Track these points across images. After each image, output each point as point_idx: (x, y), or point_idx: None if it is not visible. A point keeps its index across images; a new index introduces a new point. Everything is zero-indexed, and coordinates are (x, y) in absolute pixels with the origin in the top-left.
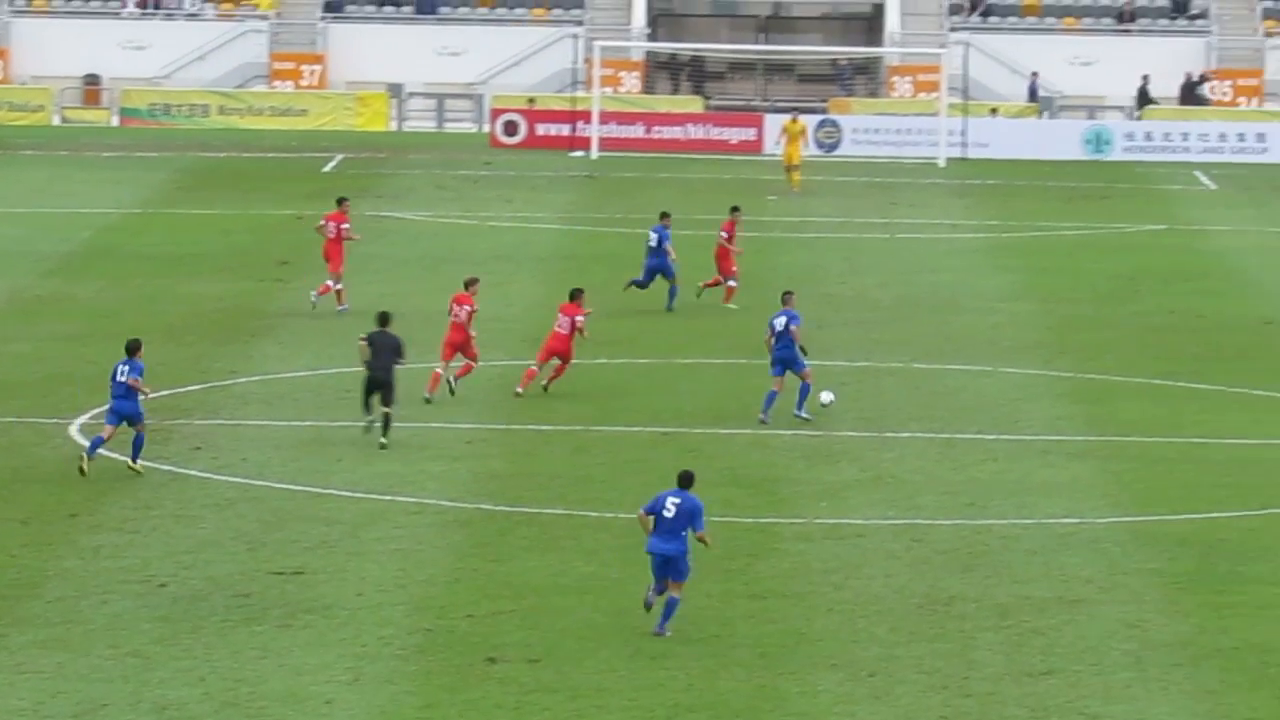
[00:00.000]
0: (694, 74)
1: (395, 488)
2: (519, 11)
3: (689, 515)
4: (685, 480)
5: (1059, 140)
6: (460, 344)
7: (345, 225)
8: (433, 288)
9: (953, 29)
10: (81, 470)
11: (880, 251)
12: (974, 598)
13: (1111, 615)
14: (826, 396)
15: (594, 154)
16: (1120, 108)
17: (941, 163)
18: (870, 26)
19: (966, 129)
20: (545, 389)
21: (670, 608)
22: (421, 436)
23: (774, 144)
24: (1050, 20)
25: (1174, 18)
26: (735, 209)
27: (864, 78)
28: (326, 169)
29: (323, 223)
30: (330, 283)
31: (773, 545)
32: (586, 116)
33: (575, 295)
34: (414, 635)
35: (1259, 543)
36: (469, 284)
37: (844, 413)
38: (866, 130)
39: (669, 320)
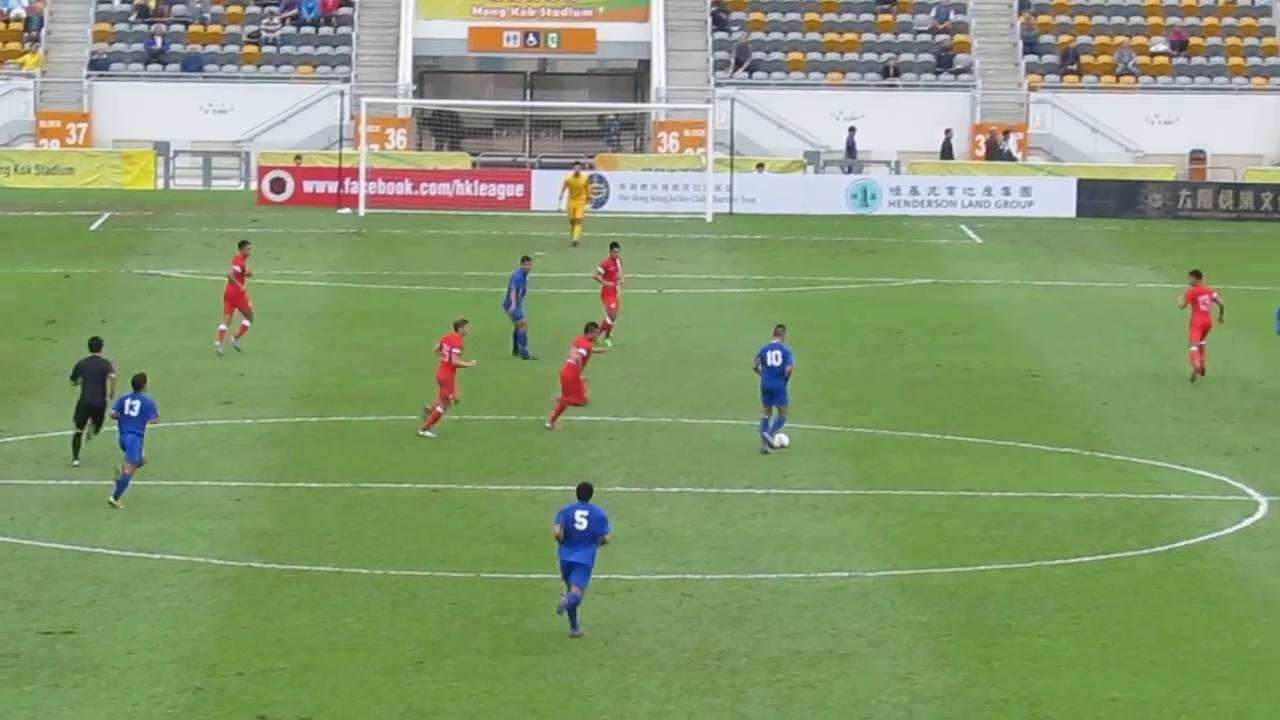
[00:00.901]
0: (461, 130)
1: (165, 546)
2: (285, 69)
3: (599, 523)
4: (585, 492)
5: (825, 195)
6: (444, 380)
7: (238, 269)
8: (201, 346)
9: (719, 84)
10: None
11: (648, 306)
12: (745, 652)
13: (881, 669)
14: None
15: (361, 211)
16: (885, 162)
17: (709, 218)
18: (637, 82)
19: (733, 184)
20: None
21: (573, 604)
22: (191, 494)
23: (557, 198)
24: (815, 76)
25: (938, 73)
26: (614, 245)
27: (631, 133)
28: (94, 227)
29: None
30: (246, 322)
31: (544, 601)
32: (354, 173)
33: (458, 325)
34: (184, 694)
35: (1027, 594)
36: (459, 325)
37: (613, 468)
38: (634, 186)
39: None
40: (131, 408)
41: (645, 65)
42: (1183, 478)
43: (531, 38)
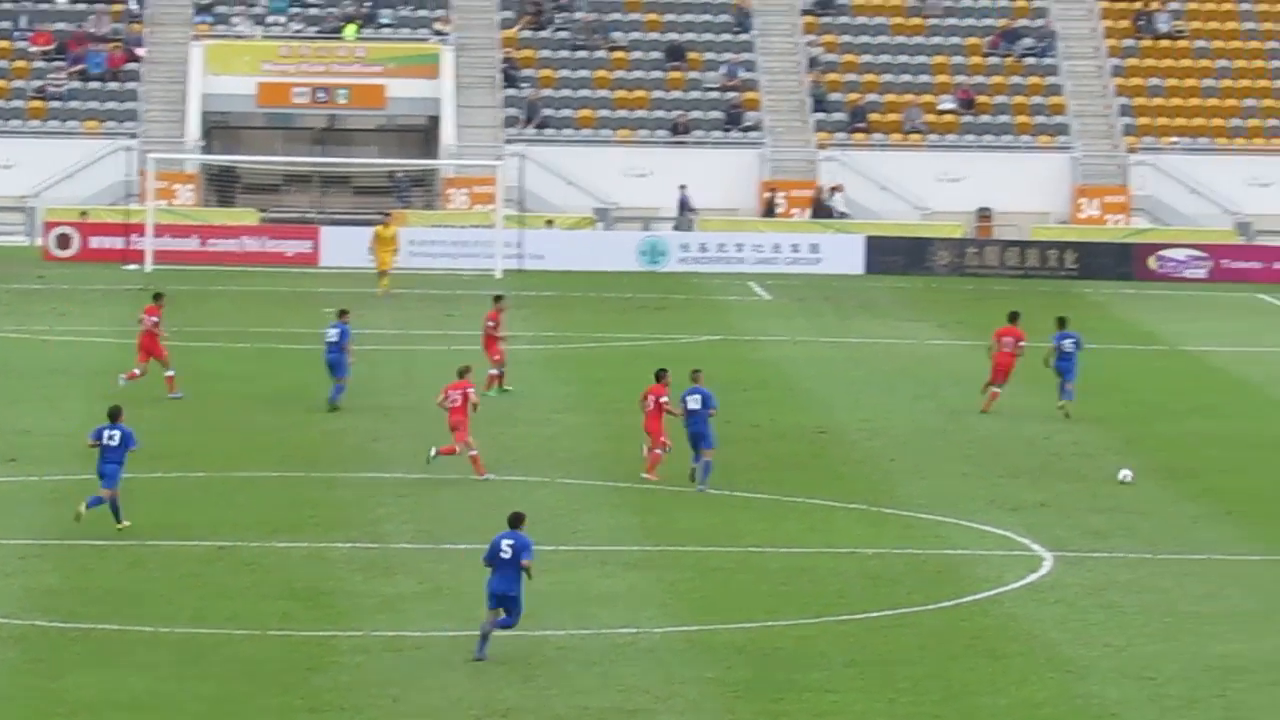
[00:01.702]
0: (249, 186)
1: None
2: (71, 124)
3: (523, 551)
4: (516, 521)
5: (615, 251)
6: (456, 425)
7: (155, 319)
8: None
9: (509, 141)
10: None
11: (437, 363)
12: (532, 709)
13: None
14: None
15: (148, 267)
16: (674, 219)
17: (498, 274)
18: (427, 139)
19: (523, 240)
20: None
21: (506, 626)
22: None
23: (367, 250)
24: (605, 132)
25: (728, 130)
26: (499, 298)
27: (420, 190)
28: None
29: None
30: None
31: (331, 658)
32: (141, 229)
33: (463, 373)
34: None
35: (814, 650)
36: (463, 372)
37: (401, 525)
38: (423, 242)
39: (224, 433)
40: (111, 438)
41: (435, 121)
42: (969, 533)
43: (321, 94)
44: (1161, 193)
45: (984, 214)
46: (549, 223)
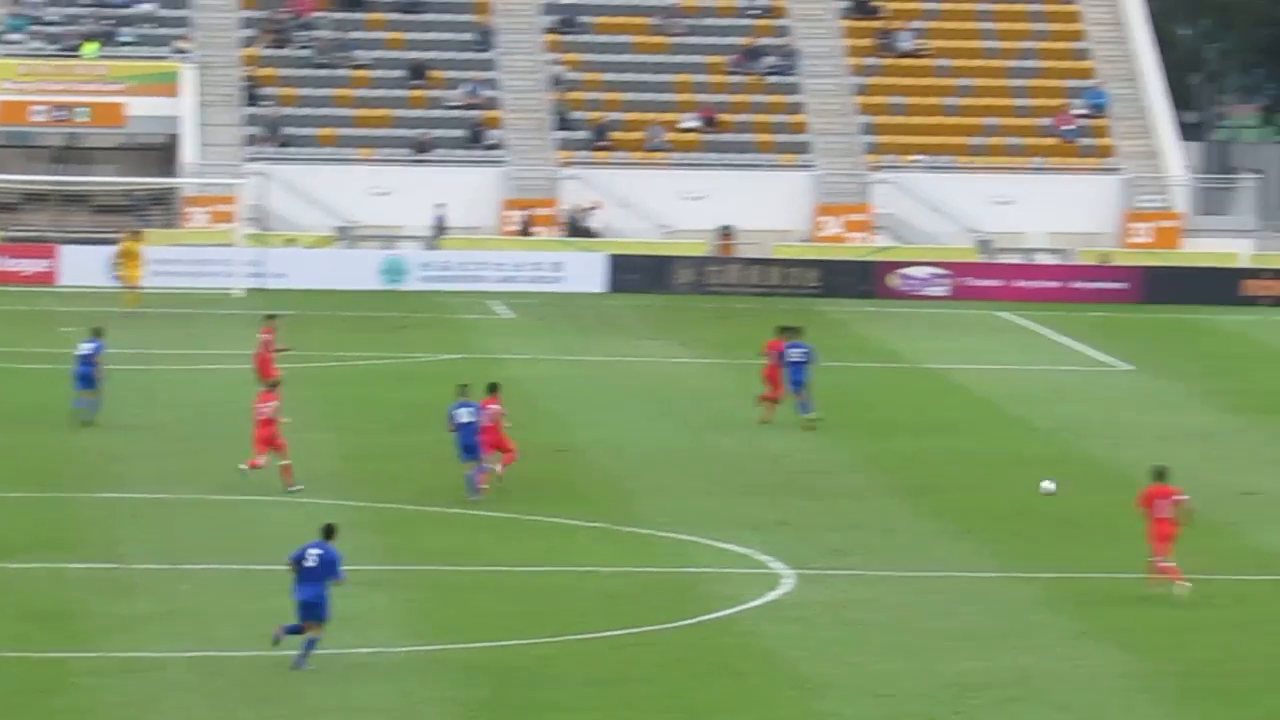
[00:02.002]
0: None
1: None
2: None
3: (329, 565)
4: (327, 532)
5: (356, 270)
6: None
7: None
8: None
9: (250, 159)
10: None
11: (176, 383)
12: None
13: None
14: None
15: None
16: (417, 237)
17: (239, 293)
18: (167, 157)
19: (264, 259)
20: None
21: (310, 645)
22: None
23: (113, 266)
24: (348, 150)
25: (470, 148)
26: (271, 317)
27: (160, 208)
28: None
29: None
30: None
31: (67, 680)
32: None
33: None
34: None
35: (554, 670)
36: (273, 385)
37: (139, 545)
38: (163, 261)
39: None
40: None
41: (176, 139)
42: (709, 551)
43: (59, 112)
44: (903, 211)
45: (726, 232)
46: (290, 241)
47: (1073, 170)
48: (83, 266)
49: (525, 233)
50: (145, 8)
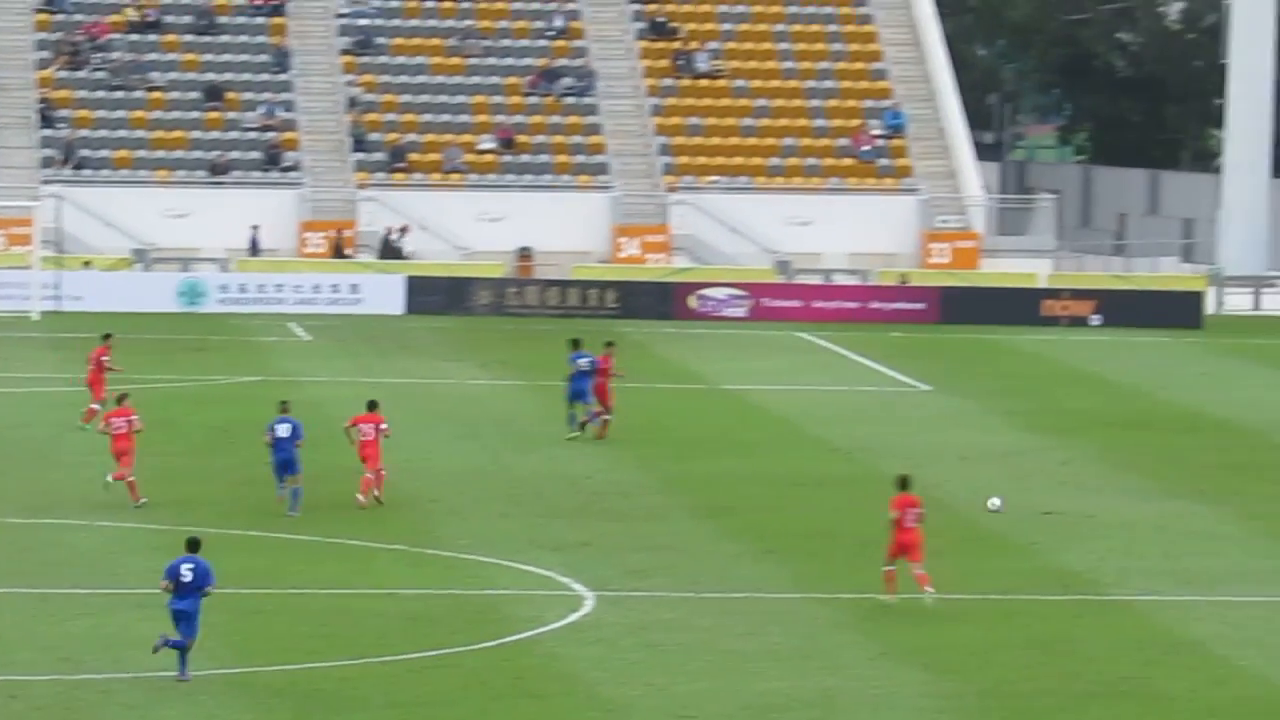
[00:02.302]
0: None
1: None
2: None
3: (203, 576)
4: (193, 546)
5: (154, 292)
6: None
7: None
8: None
9: (45, 181)
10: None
11: None
12: None
13: None
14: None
15: None
16: (214, 260)
17: (35, 316)
18: None
19: (61, 282)
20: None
21: (183, 651)
22: None
23: None
24: (143, 173)
25: (267, 170)
26: (108, 336)
27: None
28: None
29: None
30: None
31: None
32: None
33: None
34: None
35: (355, 692)
36: (120, 399)
37: None
38: None
39: None
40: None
41: None
42: (510, 573)
43: None
44: (701, 232)
45: (524, 253)
46: (87, 264)
47: (871, 191)
48: None
49: (338, 253)
50: None
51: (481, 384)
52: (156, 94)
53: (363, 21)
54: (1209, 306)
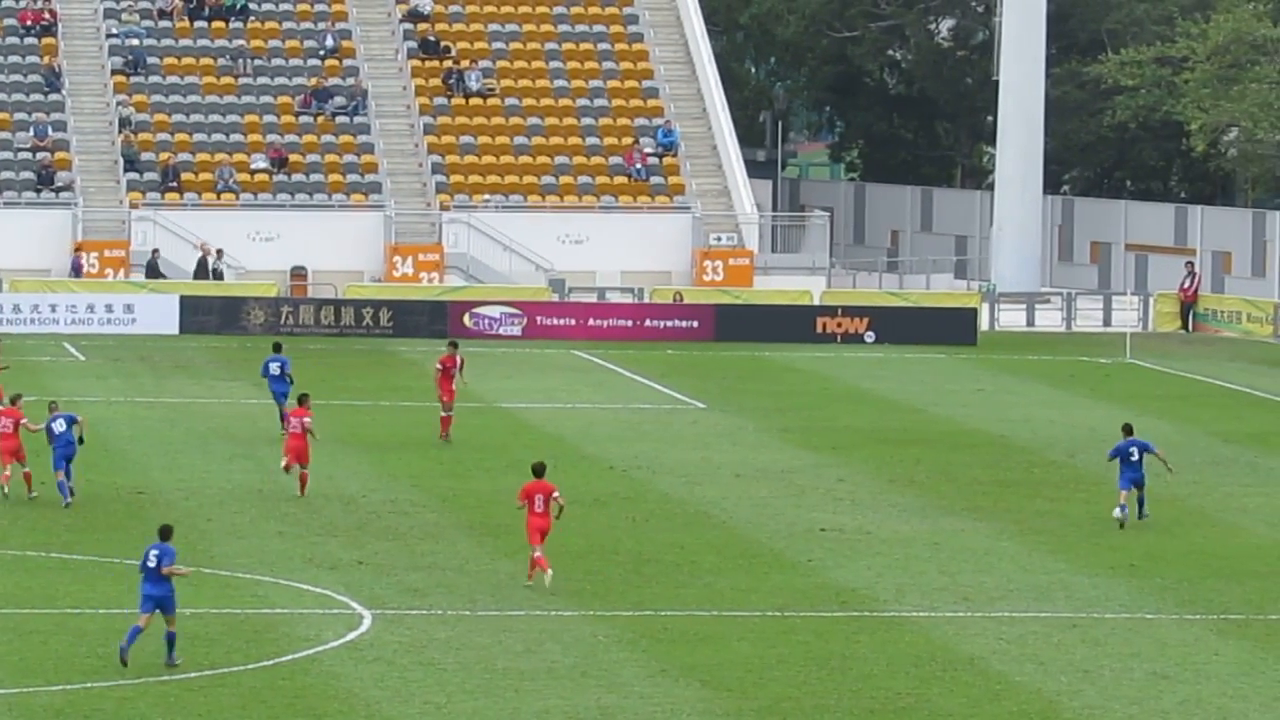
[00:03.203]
0: None
1: None
2: None
3: (168, 558)
4: (165, 533)
5: None
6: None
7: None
8: None
9: None
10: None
11: None
12: None
13: None
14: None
15: None
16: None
17: None
18: None
19: None
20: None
21: (171, 640)
22: None
23: None
24: None
25: (39, 191)
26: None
27: None
28: None
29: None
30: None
31: None
32: None
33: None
34: None
35: (135, 711)
36: (302, 399)
37: None
38: None
39: None
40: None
41: None
42: (287, 592)
43: None
44: (475, 250)
45: (298, 272)
46: None
47: (644, 209)
48: None
49: (153, 274)
50: None
51: (255, 403)
52: None
53: (133, 42)
54: (983, 323)
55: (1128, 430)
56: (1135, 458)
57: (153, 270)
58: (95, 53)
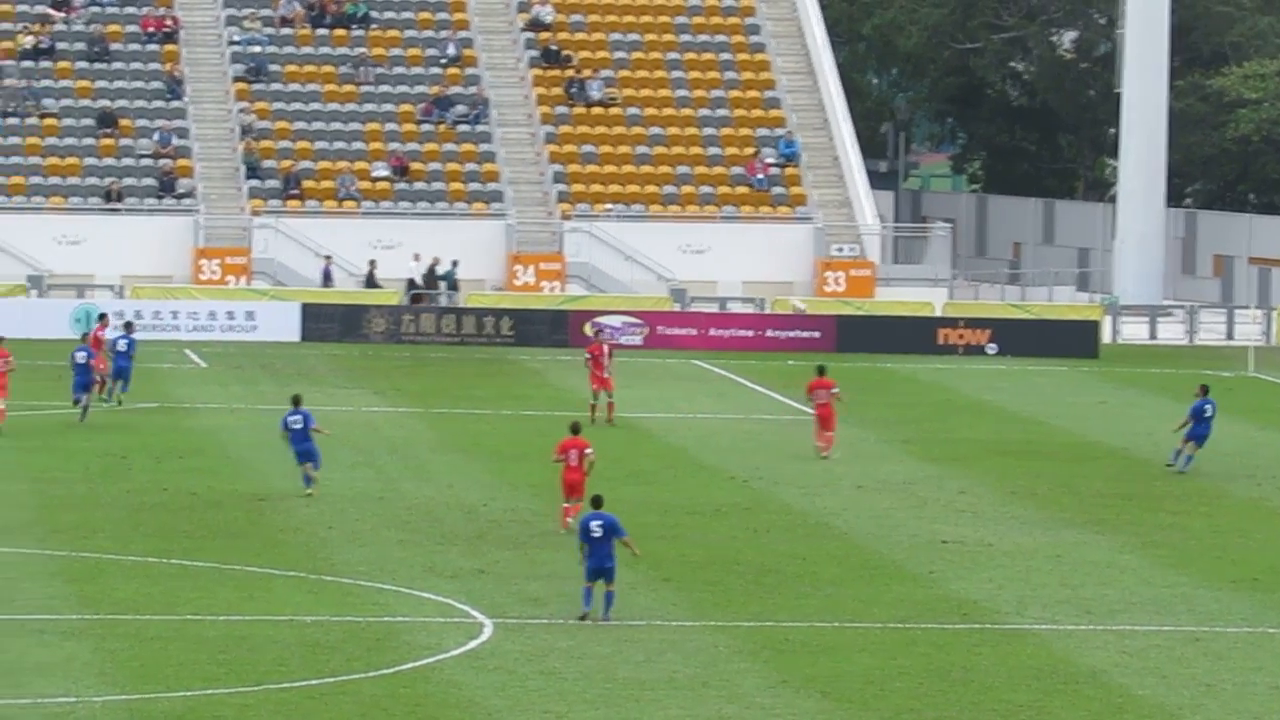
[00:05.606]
0: None
1: None
2: None
3: (612, 528)
4: (598, 503)
5: (49, 319)
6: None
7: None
8: None
9: None
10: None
11: None
12: None
13: None
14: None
15: None
16: (110, 286)
17: None
18: None
19: None
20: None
21: (610, 600)
22: None
23: None
24: (37, 199)
25: (161, 197)
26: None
27: None
28: None
29: None
30: None
31: None
32: None
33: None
34: None
35: (253, 718)
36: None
37: None
38: None
39: None
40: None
41: None
42: (408, 600)
43: None
44: (596, 260)
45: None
46: None
47: (765, 219)
48: None
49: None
50: None
51: (377, 411)
52: (49, 121)
53: (255, 49)
54: (1105, 336)
55: (1204, 390)
56: (1209, 414)
57: (371, 281)
58: (217, 60)
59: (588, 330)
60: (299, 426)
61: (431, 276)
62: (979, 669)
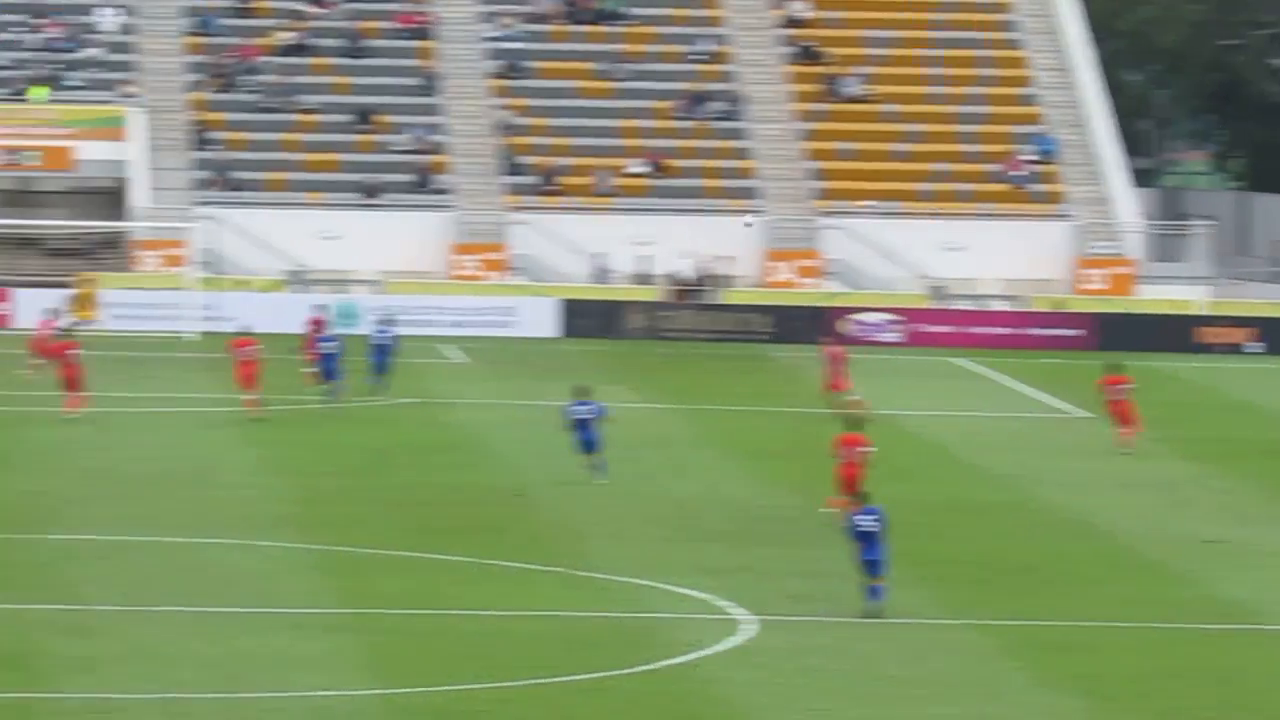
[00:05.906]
0: None
1: None
2: None
3: (882, 521)
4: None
5: (307, 314)
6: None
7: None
8: None
9: (199, 203)
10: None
11: (133, 426)
12: None
13: None
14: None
15: None
16: (368, 281)
17: (193, 336)
18: (117, 200)
19: (217, 303)
20: None
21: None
22: None
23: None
24: (299, 195)
25: (418, 192)
26: (51, 309)
27: (110, 252)
28: None
29: None
30: None
31: None
32: None
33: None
34: None
35: (514, 713)
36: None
37: (102, 588)
38: (116, 305)
39: None
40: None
41: (125, 183)
42: (668, 597)
43: (9, 156)
44: (852, 256)
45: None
46: (242, 285)
47: (1023, 216)
48: (37, 309)
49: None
50: (92, 52)
51: (636, 407)
52: (307, 116)
53: (510, 45)
54: None
55: None
56: None
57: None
58: (473, 56)
59: (845, 327)
60: (588, 417)
61: (701, 275)
62: (1244, 671)
